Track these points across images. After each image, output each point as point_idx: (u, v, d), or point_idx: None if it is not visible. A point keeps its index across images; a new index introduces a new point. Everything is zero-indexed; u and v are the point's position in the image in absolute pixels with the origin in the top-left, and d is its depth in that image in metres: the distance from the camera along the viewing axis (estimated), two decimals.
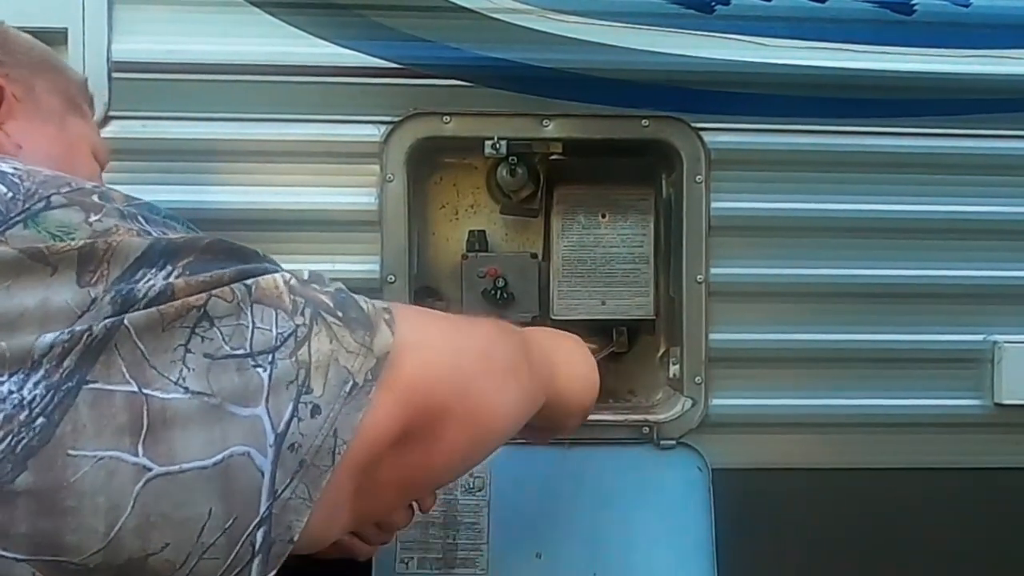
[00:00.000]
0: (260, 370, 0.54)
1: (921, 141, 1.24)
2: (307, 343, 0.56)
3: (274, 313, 0.56)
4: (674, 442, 1.24)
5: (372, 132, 1.18)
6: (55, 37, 1.12)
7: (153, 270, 0.55)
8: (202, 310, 0.54)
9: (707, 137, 1.21)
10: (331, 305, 0.59)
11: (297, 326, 0.56)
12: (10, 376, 0.50)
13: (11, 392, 0.50)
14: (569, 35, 1.18)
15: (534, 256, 1.28)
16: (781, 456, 1.24)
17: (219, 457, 0.53)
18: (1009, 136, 1.24)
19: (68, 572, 0.51)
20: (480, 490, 1.21)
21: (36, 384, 0.51)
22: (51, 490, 0.50)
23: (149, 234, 0.58)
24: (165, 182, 1.15)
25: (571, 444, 1.20)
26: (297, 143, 1.17)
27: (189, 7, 1.15)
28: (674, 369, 1.27)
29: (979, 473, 1.26)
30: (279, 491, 0.54)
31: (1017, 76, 1.23)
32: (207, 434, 0.53)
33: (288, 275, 0.59)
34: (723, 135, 1.22)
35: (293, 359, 0.55)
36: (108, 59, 1.14)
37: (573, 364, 0.92)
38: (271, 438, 0.54)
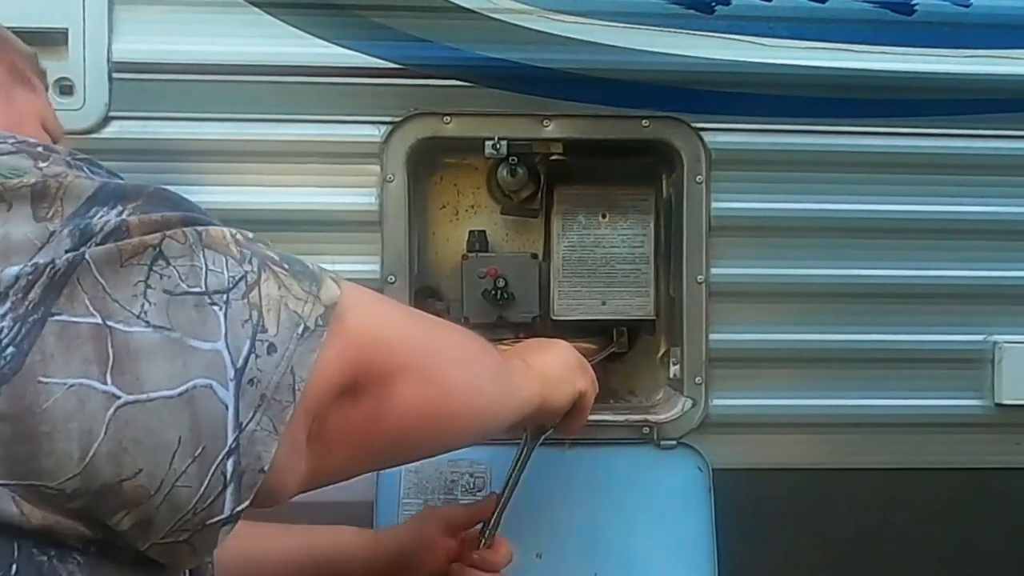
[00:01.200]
0: (216, 308, 0.56)
1: (921, 141, 1.24)
2: (256, 287, 0.58)
3: (224, 259, 0.58)
4: (674, 442, 1.24)
5: (372, 132, 1.18)
6: (55, 37, 1.12)
7: (104, 208, 0.57)
8: (158, 248, 0.56)
9: (707, 137, 1.21)
10: (276, 258, 0.61)
11: (246, 272, 0.58)
12: None
13: None
14: (569, 35, 1.18)
15: (534, 256, 1.28)
16: (781, 456, 1.24)
17: (183, 388, 0.54)
18: (1009, 136, 1.25)
19: (45, 496, 0.53)
20: (480, 490, 1.21)
21: (3, 316, 0.52)
22: (25, 416, 0.52)
23: (95, 179, 0.60)
24: (165, 182, 1.14)
25: (571, 444, 1.20)
26: (297, 143, 1.17)
27: (189, 7, 1.15)
28: (674, 369, 1.27)
29: (979, 473, 1.26)
30: (244, 423, 0.56)
31: (1017, 76, 1.23)
32: (170, 365, 0.54)
33: (234, 230, 0.61)
34: (723, 135, 1.22)
35: (245, 300, 0.57)
36: (108, 59, 1.14)
37: (545, 350, 0.98)
38: (231, 372, 0.56)
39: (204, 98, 1.16)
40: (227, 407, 0.56)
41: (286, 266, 0.61)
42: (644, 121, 1.21)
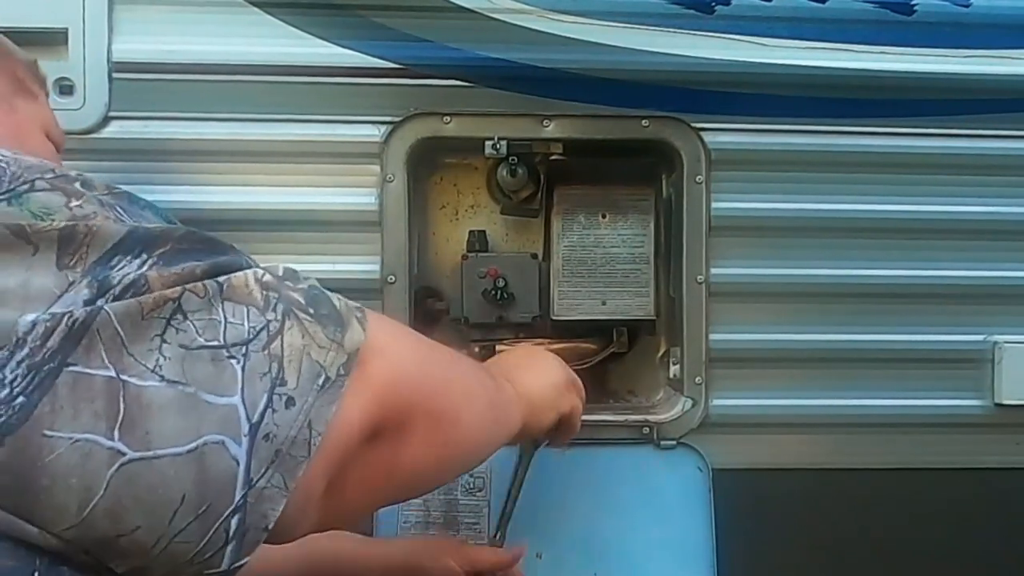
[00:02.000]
0: (234, 361, 0.55)
1: (921, 141, 1.24)
2: (279, 337, 0.57)
3: (245, 309, 0.57)
4: (674, 442, 1.24)
5: (372, 132, 1.18)
6: (55, 37, 1.12)
7: (128, 257, 0.56)
8: (177, 303, 0.55)
9: (707, 137, 1.21)
10: (303, 302, 0.60)
11: (268, 321, 0.57)
12: None
13: None
14: (569, 35, 1.18)
15: (534, 256, 1.28)
16: (781, 456, 1.24)
17: (193, 445, 0.54)
18: (1009, 136, 1.25)
19: (49, 535, 0.53)
20: (480, 490, 1.21)
21: (19, 363, 0.52)
22: (25, 468, 0.51)
23: (125, 222, 0.59)
24: (165, 182, 1.15)
25: (571, 444, 1.20)
26: (297, 143, 1.17)
27: (189, 7, 1.15)
28: (674, 369, 1.27)
29: (979, 473, 1.26)
30: (254, 480, 0.55)
31: (1017, 76, 1.23)
32: (182, 422, 0.54)
33: (261, 271, 0.59)
34: (723, 135, 1.22)
35: (265, 352, 0.56)
36: (108, 59, 1.14)
37: (532, 370, 0.96)
38: (246, 427, 0.55)
39: (204, 98, 1.16)
40: (239, 464, 0.55)
41: (311, 311, 0.60)
42: (644, 121, 1.21)
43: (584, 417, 1.12)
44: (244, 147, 1.17)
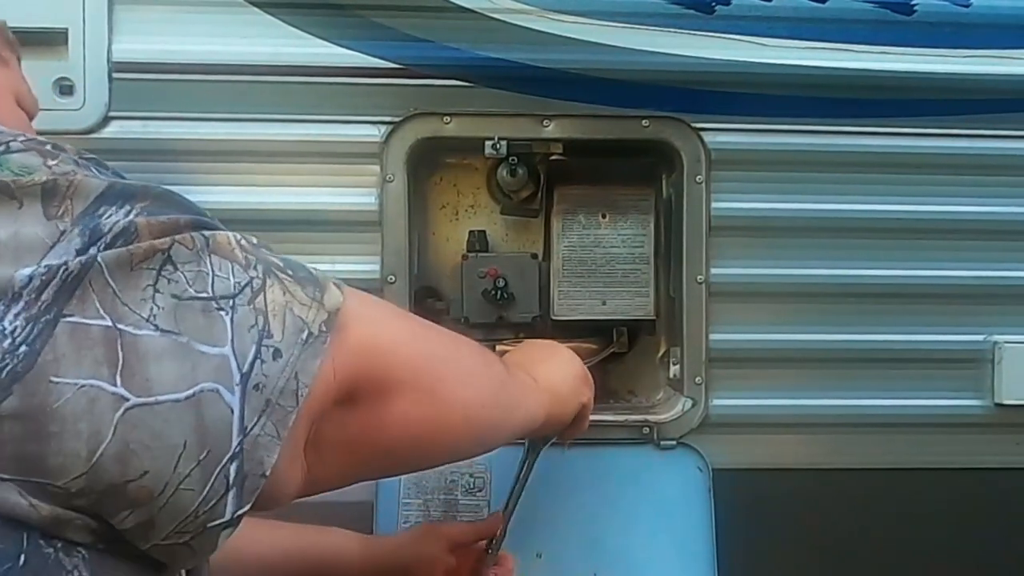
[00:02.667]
0: (223, 313, 0.57)
1: (921, 141, 1.24)
2: (262, 293, 0.59)
3: (230, 264, 0.58)
4: (674, 442, 1.24)
5: (372, 132, 1.18)
6: (55, 37, 1.12)
7: (114, 207, 0.57)
8: (167, 253, 0.56)
9: (707, 137, 1.21)
10: (280, 264, 0.62)
11: (251, 278, 0.59)
12: None
13: None
14: (569, 35, 1.18)
15: (534, 256, 1.28)
16: (781, 456, 1.24)
17: (191, 391, 0.55)
18: (1009, 136, 1.25)
19: (50, 494, 0.53)
20: (480, 490, 1.21)
21: (17, 315, 0.53)
22: (36, 414, 0.52)
23: (103, 178, 0.61)
24: (165, 182, 1.14)
25: (571, 444, 1.20)
26: (297, 143, 1.17)
27: (189, 7, 1.15)
28: (674, 369, 1.27)
29: (979, 473, 1.26)
30: (248, 427, 0.57)
31: (1017, 76, 1.23)
32: (178, 369, 0.55)
33: (239, 235, 0.61)
34: (723, 135, 1.22)
35: (251, 306, 0.58)
36: (108, 59, 1.14)
37: (550, 362, 0.97)
38: (237, 377, 0.56)
39: (204, 98, 1.16)
40: (233, 411, 0.56)
41: (290, 272, 0.61)
42: (644, 121, 1.21)
43: None
44: (244, 147, 1.17)
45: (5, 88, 0.87)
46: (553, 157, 1.24)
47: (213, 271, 0.57)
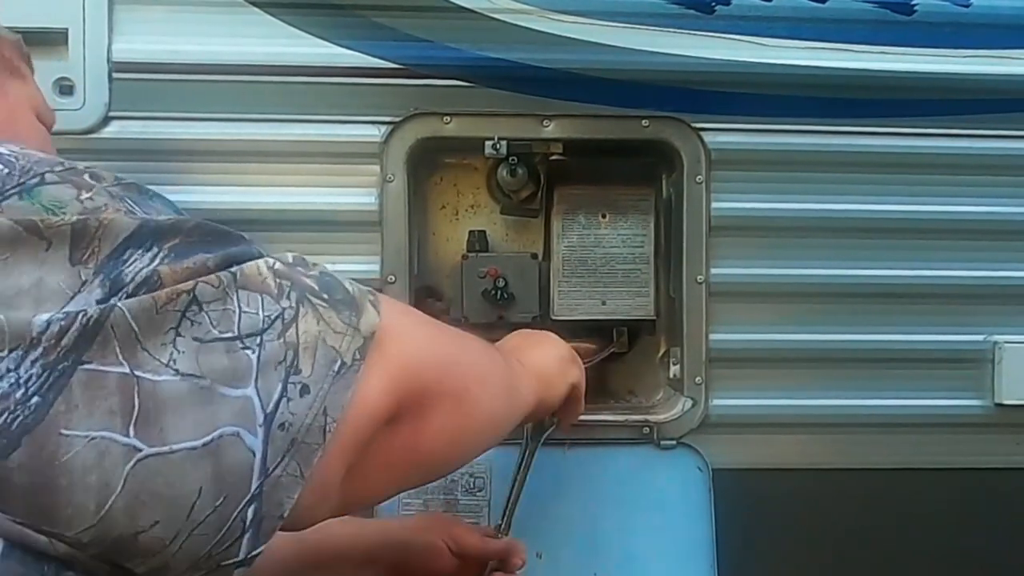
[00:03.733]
0: (249, 352, 0.55)
1: (921, 141, 1.24)
2: (294, 325, 0.57)
3: (260, 298, 0.57)
4: (674, 442, 1.24)
5: (372, 132, 1.18)
6: (55, 37, 1.12)
7: (140, 251, 0.56)
8: (191, 295, 0.55)
9: (707, 137, 1.21)
10: (316, 288, 0.60)
11: (283, 309, 0.57)
12: (9, 352, 0.52)
13: (9, 370, 0.51)
14: (569, 35, 1.17)
15: (534, 256, 1.28)
16: (781, 456, 1.24)
17: (209, 438, 0.54)
18: (1009, 136, 1.24)
19: (64, 541, 0.53)
20: (480, 490, 1.21)
21: (33, 363, 0.52)
22: (43, 467, 0.51)
23: (136, 214, 0.60)
24: (165, 182, 1.15)
25: (571, 444, 1.20)
26: (297, 143, 1.17)
27: (189, 7, 1.15)
28: (674, 369, 1.27)
29: (979, 473, 1.26)
30: (270, 469, 0.55)
31: (1017, 76, 1.23)
32: (197, 415, 0.54)
33: (272, 259, 0.60)
34: (723, 135, 1.22)
35: (281, 340, 0.56)
36: (108, 59, 1.14)
37: (536, 347, 0.98)
38: (261, 418, 0.55)
39: (204, 98, 1.16)
40: (255, 454, 0.55)
41: (325, 296, 0.60)
42: (644, 121, 1.21)
43: (584, 417, 1.13)
44: (244, 147, 1.17)
45: (24, 103, 0.87)
46: (553, 157, 1.23)
47: (240, 308, 0.56)
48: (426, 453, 0.67)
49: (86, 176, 0.60)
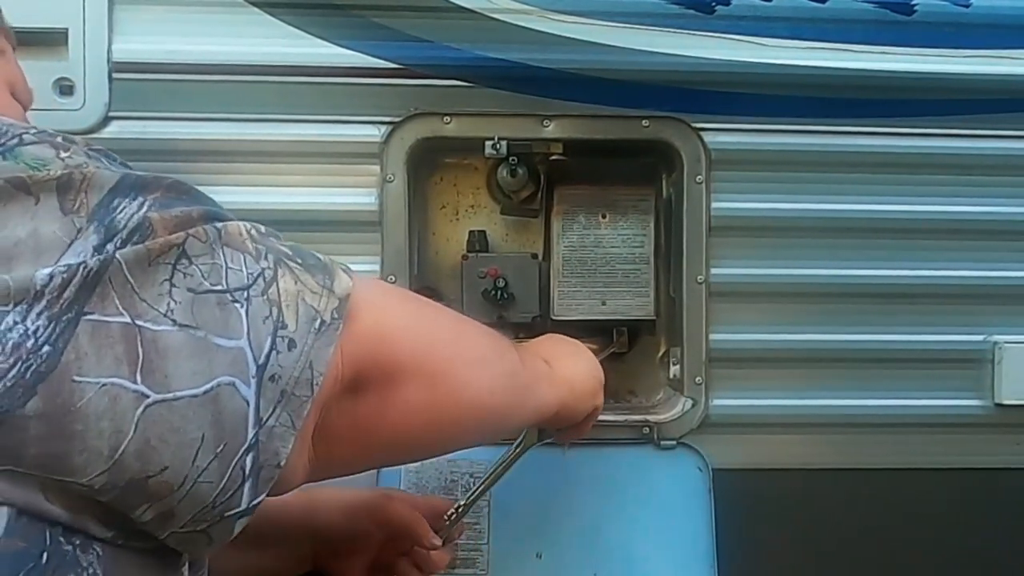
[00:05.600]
0: (237, 305, 0.57)
1: (921, 141, 1.24)
2: (275, 283, 0.59)
3: (242, 256, 0.59)
4: (674, 442, 1.24)
5: (372, 132, 1.18)
6: (55, 37, 1.12)
7: (127, 200, 0.58)
8: (181, 248, 0.57)
9: (707, 137, 1.21)
10: (290, 252, 0.63)
11: (263, 268, 0.59)
12: (15, 307, 0.53)
13: (16, 323, 0.53)
14: (569, 35, 1.17)
15: (534, 256, 1.28)
16: (781, 456, 1.24)
17: (208, 386, 0.56)
18: (1009, 136, 1.24)
19: (73, 491, 0.54)
20: None
21: (39, 315, 0.53)
22: (59, 414, 0.53)
23: (115, 169, 0.61)
24: None
25: (571, 444, 1.20)
26: (297, 143, 1.17)
27: (189, 7, 1.15)
28: (674, 369, 1.27)
29: (979, 473, 1.26)
30: (264, 419, 0.57)
31: (1017, 76, 1.23)
32: (196, 364, 0.56)
33: (248, 224, 0.62)
34: (723, 135, 1.22)
35: (264, 297, 0.58)
36: (108, 59, 1.14)
37: (576, 359, 0.97)
38: (253, 369, 0.57)
39: (204, 98, 1.16)
40: (248, 404, 0.57)
41: (299, 260, 0.62)
42: (644, 121, 1.21)
43: None
44: (244, 147, 1.17)
45: (1, 80, 0.86)
46: (553, 157, 1.23)
47: (226, 263, 0.58)
48: (394, 426, 0.67)
49: (59, 139, 0.62)
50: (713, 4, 1.19)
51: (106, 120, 1.15)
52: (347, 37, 1.16)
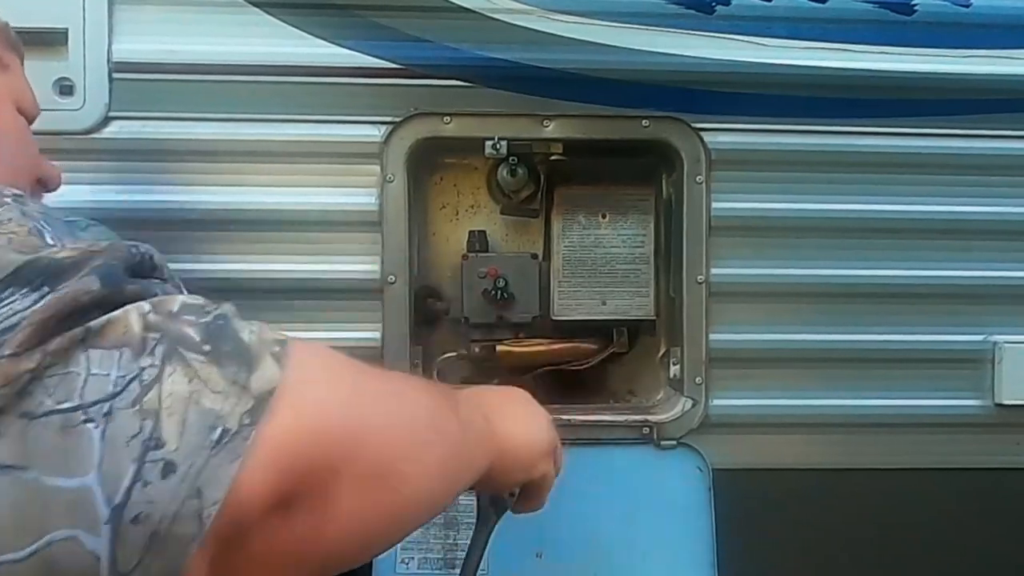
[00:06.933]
0: (90, 426, 0.45)
1: (921, 141, 1.24)
2: (156, 386, 0.47)
3: (116, 355, 0.47)
4: (674, 442, 1.24)
5: (372, 132, 1.18)
6: (55, 37, 1.12)
7: (22, 293, 0.47)
8: (32, 373, 0.46)
9: (707, 137, 1.21)
10: (196, 338, 0.49)
11: (142, 368, 0.47)
12: None
13: None
14: (569, 35, 1.17)
15: (534, 256, 1.28)
16: (781, 456, 1.24)
17: (35, 547, 0.44)
18: (1009, 136, 1.24)
19: None
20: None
21: None
22: None
23: (43, 236, 0.53)
24: (165, 182, 1.15)
25: (571, 444, 1.20)
26: (297, 143, 1.17)
27: (189, 7, 1.15)
28: (674, 369, 1.27)
29: (979, 473, 1.26)
30: (125, 573, 0.45)
31: (1017, 76, 1.23)
32: (19, 519, 0.44)
33: (149, 307, 0.49)
34: (723, 135, 1.22)
35: (136, 408, 0.46)
36: (108, 59, 1.14)
37: (519, 420, 0.83)
38: (105, 513, 0.45)
39: (204, 98, 1.16)
40: (100, 559, 0.45)
41: (207, 347, 0.49)
42: (644, 121, 1.21)
43: (584, 417, 1.12)
44: (244, 147, 1.17)
45: (6, 95, 0.84)
46: (553, 157, 1.24)
47: (88, 369, 0.46)
48: (332, 543, 0.53)
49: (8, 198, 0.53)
50: (713, 4, 1.19)
51: (106, 120, 1.15)
52: (347, 37, 1.16)
